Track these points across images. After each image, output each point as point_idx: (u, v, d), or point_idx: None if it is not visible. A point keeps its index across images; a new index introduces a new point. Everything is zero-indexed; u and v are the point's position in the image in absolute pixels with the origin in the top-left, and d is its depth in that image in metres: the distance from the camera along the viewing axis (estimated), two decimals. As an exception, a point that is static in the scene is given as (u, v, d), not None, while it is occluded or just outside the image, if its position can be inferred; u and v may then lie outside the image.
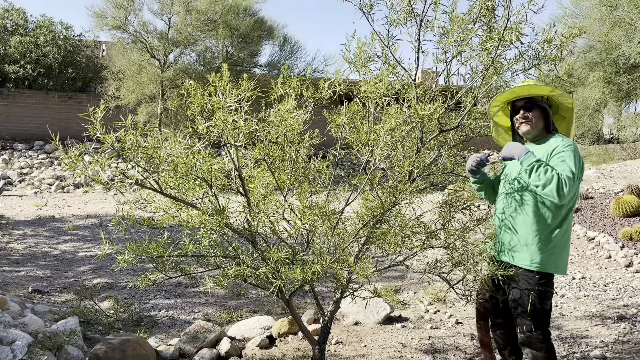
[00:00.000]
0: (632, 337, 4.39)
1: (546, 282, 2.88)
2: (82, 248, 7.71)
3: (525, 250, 2.88)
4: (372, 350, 4.18)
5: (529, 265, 2.87)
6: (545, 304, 2.90)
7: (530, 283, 2.87)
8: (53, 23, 19.41)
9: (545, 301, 2.89)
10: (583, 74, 13.41)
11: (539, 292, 2.87)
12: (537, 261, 2.86)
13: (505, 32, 2.71)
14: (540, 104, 2.94)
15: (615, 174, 11.09)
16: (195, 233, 2.80)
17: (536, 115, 2.92)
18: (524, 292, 2.89)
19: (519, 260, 2.91)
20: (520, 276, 2.90)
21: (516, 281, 2.92)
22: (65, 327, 3.90)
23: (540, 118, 2.93)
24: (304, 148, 3.12)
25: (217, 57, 18.55)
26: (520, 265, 2.91)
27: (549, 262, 2.86)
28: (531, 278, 2.87)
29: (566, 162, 2.67)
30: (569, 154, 2.71)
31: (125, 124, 2.49)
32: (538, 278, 2.86)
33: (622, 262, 6.55)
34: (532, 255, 2.86)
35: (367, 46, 3.01)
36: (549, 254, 2.85)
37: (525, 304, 2.88)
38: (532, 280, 2.87)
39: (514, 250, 2.93)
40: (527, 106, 2.94)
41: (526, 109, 2.94)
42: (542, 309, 2.89)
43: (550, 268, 2.87)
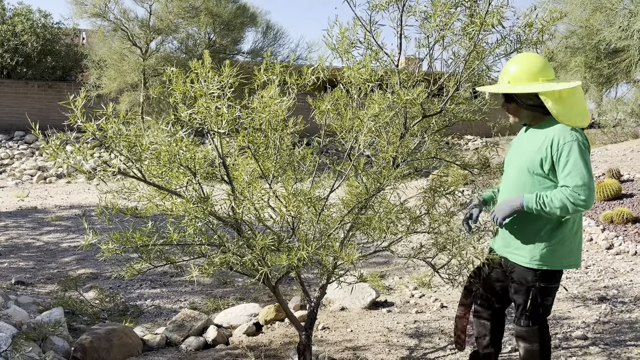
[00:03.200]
0: (613, 318, 4.47)
1: (549, 277, 2.73)
2: (65, 239, 7.64)
3: (526, 247, 2.74)
4: (359, 335, 4.22)
5: (528, 263, 2.73)
6: (547, 300, 2.78)
7: (530, 280, 2.74)
8: (31, 11, 19.02)
9: (546, 297, 2.77)
10: (565, 59, 13.51)
11: (541, 289, 2.74)
12: (536, 258, 2.70)
13: (487, 16, 2.72)
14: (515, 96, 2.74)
15: (596, 158, 11.23)
16: (179, 221, 2.78)
17: (512, 108, 2.78)
18: (523, 287, 2.77)
19: (518, 258, 2.78)
20: (519, 273, 2.78)
21: (515, 275, 2.81)
22: (50, 318, 3.87)
23: (517, 110, 2.76)
24: (288, 135, 3.11)
25: (200, 44, 18.35)
26: (519, 264, 2.77)
27: (553, 258, 2.70)
28: (531, 274, 2.73)
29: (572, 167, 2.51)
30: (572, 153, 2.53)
31: (106, 112, 2.46)
32: (540, 274, 2.72)
33: (603, 245, 6.66)
34: (532, 252, 2.71)
35: (349, 32, 3.00)
36: (552, 251, 2.69)
37: (524, 300, 2.77)
38: (532, 276, 2.73)
39: (514, 248, 2.79)
40: (504, 99, 2.81)
41: (504, 101, 2.81)
42: (543, 305, 2.77)
43: (553, 263, 2.71)
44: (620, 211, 7.21)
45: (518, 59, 2.74)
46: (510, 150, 2.93)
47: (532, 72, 2.67)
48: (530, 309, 2.75)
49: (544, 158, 2.61)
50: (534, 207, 2.57)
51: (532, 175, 2.67)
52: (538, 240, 2.69)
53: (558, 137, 2.57)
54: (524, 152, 2.75)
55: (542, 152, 2.61)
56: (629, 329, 4.21)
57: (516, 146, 2.87)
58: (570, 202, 2.47)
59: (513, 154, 2.87)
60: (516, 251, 2.78)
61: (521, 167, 2.71)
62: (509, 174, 2.85)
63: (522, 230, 2.76)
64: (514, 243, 2.79)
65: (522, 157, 2.74)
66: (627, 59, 12.38)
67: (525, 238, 2.74)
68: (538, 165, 2.63)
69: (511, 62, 2.76)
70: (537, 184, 2.66)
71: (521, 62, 2.70)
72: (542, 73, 2.66)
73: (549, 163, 2.59)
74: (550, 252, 2.68)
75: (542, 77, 2.65)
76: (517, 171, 2.75)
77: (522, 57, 2.75)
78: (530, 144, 2.72)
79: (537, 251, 2.69)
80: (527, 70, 2.67)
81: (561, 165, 2.54)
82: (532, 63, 2.68)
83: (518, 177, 2.74)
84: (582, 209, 2.48)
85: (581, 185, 2.47)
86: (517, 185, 2.74)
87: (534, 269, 2.72)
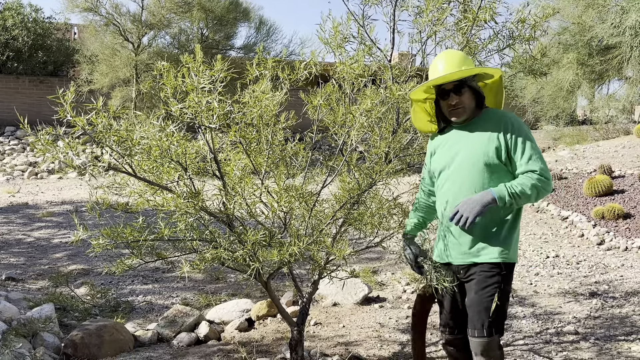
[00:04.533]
0: (603, 313, 4.50)
1: (509, 277, 2.52)
2: (56, 235, 7.60)
3: (492, 243, 2.47)
4: (351, 331, 4.22)
5: (497, 258, 2.46)
6: (506, 306, 2.52)
7: (496, 279, 2.46)
8: (22, 5, 18.85)
9: (506, 302, 2.51)
10: (557, 55, 13.54)
11: (504, 290, 2.48)
12: (505, 252, 2.46)
13: (479, 12, 2.72)
14: (471, 83, 2.50)
15: (588, 154, 11.29)
16: (170, 217, 2.77)
17: (467, 98, 2.50)
18: (487, 289, 2.46)
19: (484, 257, 2.48)
20: (483, 273, 2.48)
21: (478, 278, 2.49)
22: (41, 314, 3.85)
23: (471, 98, 2.51)
24: (280, 130, 3.09)
25: (192, 39, 18.27)
26: (486, 261, 2.47)
27: (513, 251, 2.50)
28: (497, 273, 2.46)
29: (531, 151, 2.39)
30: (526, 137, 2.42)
31: (96, 106, 2.44)
32: (504, 273, 2.47)
33: (595, 240, 6.69)
34: (501, 247, 2.46)
35: (342, 26, 2.99)
36: (514, 243, 2.50)
37: (488, 303, 2.44)
38: (498, 275, 2.46)
39: (478, 249, 2.49)
40: (457, 89, 2.49)
41: (456, 92, 2.49)
42: (504, 310, 2.49)
43: (514, 256, 2.52)
44: (611, 207, 7.25)
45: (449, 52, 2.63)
46: (439, 154, 2.63)
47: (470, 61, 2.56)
48: (493, 315, 2.44)
49: (498, 147, 2.42)
50: (506, 198, 2.36)
51: (490, 167, 2.43)
52: (504, 235, 2.47)
53: (509, 123, 2.43)
54: (469, 149, 2.49)
55: (494, 141, 2.43)
56: (619, 324, 4.24)
57: (448, 147, 2.58)
58: (540, 186, 2.35)
59: (448, 155, 2.57)
60: (482, 251, 2.48)
61: (473, 163, 2.45)
62: (454, 175, 2.53)
63: (487, 228, 2.48)
64: (479, 244, 2.49)
65: (470, 152, 2.48)
66: (619, 56, 12.42)
67: (492, 235, 2.47)
68: (494, 156, 2.42)
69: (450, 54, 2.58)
70: (495, 177, 2.44)
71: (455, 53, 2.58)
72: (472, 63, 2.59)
73: (504, 151, 2.42)
74: (513, 246, 2.50)
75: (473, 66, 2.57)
76: (468, 169, 2.47)
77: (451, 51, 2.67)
78: (474, 138, 2.49)
79: (506, 245, 2.47)
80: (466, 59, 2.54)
81: (519, 151, 2.40)
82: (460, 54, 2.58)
83: (472, 174, 2.46)
84: (547, 192, 2.39)
85: (544, 167, 2.38)
86: (475, 184, 2.46)
87: (500, 264, 2.46)
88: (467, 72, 2.46)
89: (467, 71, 2.45)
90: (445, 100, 2.51)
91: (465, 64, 2.49)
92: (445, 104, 2.52)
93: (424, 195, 2.78)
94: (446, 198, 2.54)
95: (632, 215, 7.23)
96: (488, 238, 2.47)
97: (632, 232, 6.78)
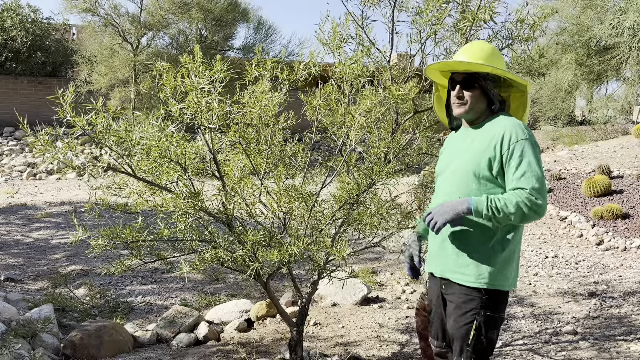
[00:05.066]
0: (602, 313, 4.51)
1: (496, 303, 2.23)
2: (55, 235, 7.59)
3: (471, 263, 2.22)
4: (350, 331, 4.22)
5: (473, 282, 2.20)
6: (492, 333, 2.23)
7: (475, 304, 2.20)
8: (20, 6, 18.85)
9: (492, 330, 2.23)
10: (556, 56, 13.56)
11: (486, 317, 2.20)
12: (484, 276, 2.19)
13: (478, 12, 2.72)
14: (483, 82, 2.26)
15: (586, 154, 11.30)
16: (170, 217, 2.77)
17: (475, 96, 2.26)
18: (465, 316, 2.22)
19: (460, 277, 2.24)
20: (462, 296, 2.23)
21: (456, 301, 2.26)
22: (40, 314, 3.84)
23: (480, 98, 2.27)
24: (280, 131, 3.10)
25: (191, 40, 18.27)
26: (462, 284, 2.23)
27: (500, 276, 2.20)
28: (476, 298, 2.20)
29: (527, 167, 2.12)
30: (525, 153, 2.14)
31: (95, 106, 2.44)
32: (486, 299, 2.19)
33: (593, 241, 6.70)
34: (479, 269, 2.20)
35: (341, 27, 3.00)
36: (500, 266, 2.21)
37: (467, 331, 2.22)
38: (478, 300, 2.20)
39: (456, 265, 2.26)
40: (465, 83, 2.26)
41: (464, 86, 2.26)
42: (487, 339, 2.22)
43: (502, 283, 2.21)
44: (610, 207, 7.26)
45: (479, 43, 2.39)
46: (444, 154, 2.47)
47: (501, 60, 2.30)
48: (472, 343, 2.21)
49: (492, 158, 2.18)
50: (483, 211, 2.10)
51: (478, 179, 2.21)
52: (486, 254, 2.20)
53: (509, 134, 2.16)
54: (465, 154, 2.29)
55: (489, 151, 2.19)
56: (618, 324, 4.24)
57: (451, 149, 2.42)
58: (527, 206, 2.06)
59: (449, 157, 2.39)
60: (459, 269, 2.25)
61: (465, 171, 2.25)
62: (447, 180, 2.35)
63: (467, 243, 2.24)
64: (457, 260, 2.26)
65: (464, 159, 2.27)
66: (617, 56, 12.45)
67: (471, 252, 2.23)
68: (486, 167, 2.19)
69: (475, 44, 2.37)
70: (484, 189, 2.20)
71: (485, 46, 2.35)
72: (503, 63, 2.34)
73: (497, 164, 2.17)
74: (499, 269, 2.20)
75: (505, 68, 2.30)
76: (459, 176, 2.27)
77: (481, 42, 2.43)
78: (473, 144, 2.27)
79: (485, 268, 2.19)
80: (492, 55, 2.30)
81: (512, 165, 2.13)
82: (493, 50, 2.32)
83: (460, 182, 2.25)
84: (537, 216, 2.09)
85: (538, 188, 2.08)
86: (459, 192, 2.25)
87: (480, 289, 2.20)
88: (479, 67, 2.22)
89: (478, 66, 2.22)
90: (452, 91, 2.32)
91: (489, 61, 2.25)
92: (451, 95, 2.33)
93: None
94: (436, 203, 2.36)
95: (630, 216, 7.24)
96: (467, 254, 2.23)
97: (631, 232, 6.79)
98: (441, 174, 2.40)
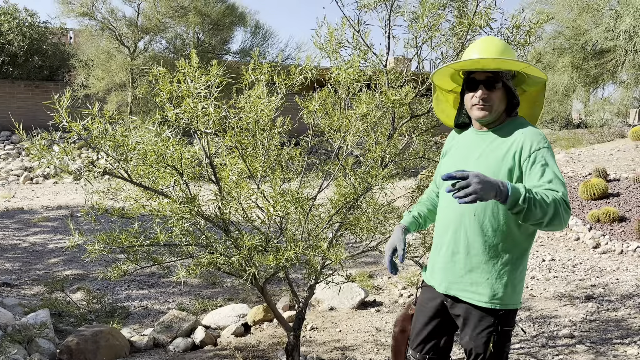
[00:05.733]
0: (599, 316, 4.51)
1: (511, 318, 2.15)
2: (52, 240, 7.57)
3: (485, 282, 2.09)
4: (347, 335, 4.22)
5: (487, 303, 2.09)
6: (507, 347, 2.16)
7: (491, 322, 2.11)
8: (17, 10, 18.84)
9: (506, 343, 2.15)
10: (552, 59, 13.62)
11: (502, 333, 2.12)
12: (499, 296, 2.08)
13: (474, 17, 2.73)
14: (507, 81, 2.09)
15: (583, 157, 11.32)
16: (166, 222, 2.77)
17: (498, 97, 2.08)
18: (482, 333, 2.12)
19: (473, 296, 2.12)
20: (477, 315, 2.13)
21: (470, 319, 2.16)
22: (36, 319, 3.83)
23: (503, 100, 2.10)
24: (276, 135, 3.10)
25: (188, 44, 18.29)
26: (477, 304, 2.11)
27: (513, 294, 2.11)
28: (492, 316, 2.11)
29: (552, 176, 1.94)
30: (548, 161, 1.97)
31: (92, 111, 2.44)
32: (501, 315, 2.11)
33: (590, 244, 6.71)
34: (494, 288, 2.08)
35: (337, 31, 3.00)
36: (515, 285, 2.11)
37: (483, 348, 2.12)
38: (494, 319, 2.11)
39: (468, 283, 2.13)
40: (489, 83, 2.07)
41: (488, 86, 2.07)
42: (502, 353, 2.15)
43: (515, 302, 2.13)
44: (606, 210, 7.27)
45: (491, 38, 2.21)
46: (452, 158, 2.27)
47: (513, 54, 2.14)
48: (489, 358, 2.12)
49: (512, 168, 2.02)
50: (520, 198, 1.80)
51: None
52: (500, 273, 2.08)
53: (530, 143, 2.01)
54: (481, 161, 2.10)
55: (508, 161, 2.03)
56: (615, 327, 4.25)
57: (461, 155, 2.22)
58: (562, 207, 1.86)
59: (459, 164, 2.18)
60: (470, 287, 2.12)
61: None
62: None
63: (481, 260, 2.09)
64: (468, 277, 2.12)
65: (481, 167, 2.07)
66: (613, 60, 12.50)
67: (485, 270, 2.09)
68: (505, 177, 2.02)
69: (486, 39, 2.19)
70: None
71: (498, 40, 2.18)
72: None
73: (517, 172, 2.02)
74: (513, 287, 2.10)
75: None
76: None
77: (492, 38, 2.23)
78: (490, 150, 2.10)
79: (500, 287, 2.08)
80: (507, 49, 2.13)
81: (536, 172, 1.96)
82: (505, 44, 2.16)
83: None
84: (564, 222, 1.89)
85: (567, 194, 1.92)
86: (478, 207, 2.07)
87: (495, 309, 2.09)
88: (509, 64, 2.05)
89: (508, 63, 2.04)
90: (472, 93, 2.11)
91: (509, 55, 2.09)
92: (470, 97, 2.12)
93: (433, 194, 2.44)
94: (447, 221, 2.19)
95: (627, 219, 7.26)
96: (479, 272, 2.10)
97: (628, 235, 6.81)
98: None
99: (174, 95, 2.72)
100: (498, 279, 2.08)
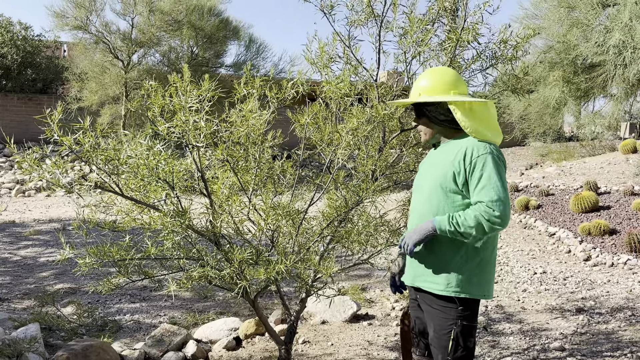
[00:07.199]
0: (590, 329, 4.53)
1: (471, 313, 2.32)
2: (43, 253, 7.53)
3: (441, 271, 2.32)
4: (339, 349, 4.21)
5: (442, 291, 2.30)
6: (470, 342, 2.32)
7: (452, 315, 2.30)
8: (11, 23, 18.89)
9: (469, 338, 2.31)
10: (544, 73, 13.74)
11: (463, 327, 2.30)
12: (453, 284, 2.28)
13: (462, 33, 2.77)
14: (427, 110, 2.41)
15: (574, 170, 11.40)
16: (157, 235, 2.77)
17: (425, 123, 2.44)
18: (443, 326, 2.32)
19: (431, 285, 2.34)
20: (437, 307, 2.33)
21: (432, 312, 2.36)
22: (26, 334, 3.81)
23: (430, 125, 2.43)
24: (268, 148, 3.12)
25: (182, 57, 18.37)
26: (432, 292, 2.33)
27: (468, 284, 2.29)
28: (452, 309, 2.30)
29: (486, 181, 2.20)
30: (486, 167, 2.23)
31: (83, 125, 2.45)
32: (462, 309, 2.29)
33: (581, 256, 6.75)
34: (449, 277, 2.29)
35: (328, 46, 3.04)
36: (470, 274, 2.29)
37: (444, 342, 2.31)
38: (454, 311, 2.30)
39: (427, 275, 2.36)
40: (416, 113, 2.47)
41: (416, 115, 2.48)
42: (466, 348, 2.30)
43: (471, 291, 2.30)
44: (597, 223, 7.32)
45: (430, 72, 2.47)
46: (420, 169, 2.58)
47: (445, 85, 2.38)
48: (452, 353, 2.30)
49: (456, 172, 2.28)
50: (447, 229, 2.21)
51: (445, 192, 2.31)
52: (455, 263, 2.30)
53: (471, 149, 2.26)
54: (435, 169, 2.39)
55: (454, 165, 2.29)
56: (605, 340, 4.26)
57: (426, 165, 2.52)
58: (485, 219, 2.15)
59: (423, 173, 2.51)
60: (428, 277, 2.35)
61: (434, 185, 2.35)
62: (419, 196, 2.46)
63: (436, 252, 2.35)
64: (427, 268, 2.37)
65: (434, 174, 2.38)
66: (603, 74, 12.63)
67: (441, 261, 2.33)
68: (451, 180, 2.29)
69: (423, 76, 2.46)
70: (451, 203, 2.30)
71: (433, 76, 2.43)
72: (454, 86, 2.37)
73: (462, 177, 2.27)
74: (468, 277, 2.29)
75: (454, 91, 2.36)
76: (429, 190, 2.38)
77: (434, 70, 2.52)
78: (442, 159, 2.38)
79: (454, 276, 2.29)
80: (439, 83, 2.39)
81: (474, 180, 2.23)
82: (444, 76, 2.41)
83: (430, 196, 2.36)
84: (498, 227, 2.17)
85: (496, 200, 2.16)
86: (430, 205, 2.36)
87: (453, 298, 2.29)
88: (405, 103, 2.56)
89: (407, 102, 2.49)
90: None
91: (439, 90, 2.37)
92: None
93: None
94: (412, 219, 2.49)
95: (617, 231, 7.31)
96: (436, 263, 2.34)
97: (618, 248, 6.85)
98: (415, 191, 2.52)
99: (166, 109, 2.74)
100: (453, 269, 2.30)
